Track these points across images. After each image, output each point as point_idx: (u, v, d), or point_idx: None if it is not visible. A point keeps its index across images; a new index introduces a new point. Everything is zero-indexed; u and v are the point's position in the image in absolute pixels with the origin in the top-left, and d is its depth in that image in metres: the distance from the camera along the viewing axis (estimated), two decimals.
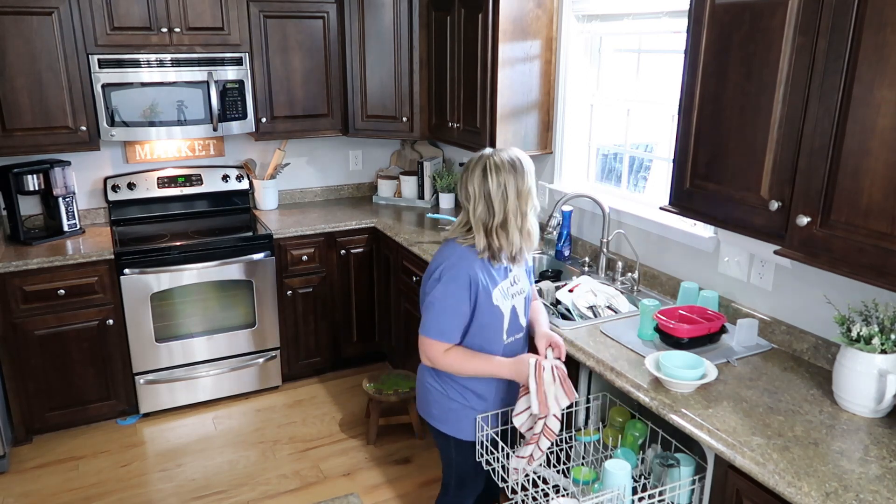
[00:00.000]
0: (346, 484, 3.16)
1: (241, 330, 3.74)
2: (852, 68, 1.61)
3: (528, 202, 1.98)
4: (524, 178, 1.96)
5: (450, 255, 2.00)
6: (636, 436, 2.11)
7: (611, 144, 3.24)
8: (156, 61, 3.46)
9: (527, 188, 1.96)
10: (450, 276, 1.96)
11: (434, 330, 1.99)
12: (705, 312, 2.31)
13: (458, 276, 1.96)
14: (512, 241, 1.98)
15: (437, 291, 1.97)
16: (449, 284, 1.96)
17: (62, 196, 3.54)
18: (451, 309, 1.97)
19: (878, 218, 1.60)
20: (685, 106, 2.12)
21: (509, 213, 1.95)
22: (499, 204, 1.94)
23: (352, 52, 3.90)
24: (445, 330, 1.98)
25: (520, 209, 1.96)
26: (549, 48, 3.23)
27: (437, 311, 1.98)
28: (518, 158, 1.97)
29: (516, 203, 1.95)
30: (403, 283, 3.69)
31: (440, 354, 2.00)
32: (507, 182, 1.93)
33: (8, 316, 3.23)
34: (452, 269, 1.97)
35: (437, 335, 1.99)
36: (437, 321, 1.98)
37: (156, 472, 3.24)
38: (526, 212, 1.98)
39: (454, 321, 1.98)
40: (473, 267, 1.98)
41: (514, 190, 1.94)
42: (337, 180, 4.50)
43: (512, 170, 1.94)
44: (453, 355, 2.00)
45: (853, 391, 1.85)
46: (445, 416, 2.14)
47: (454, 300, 1.96)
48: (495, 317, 2.04)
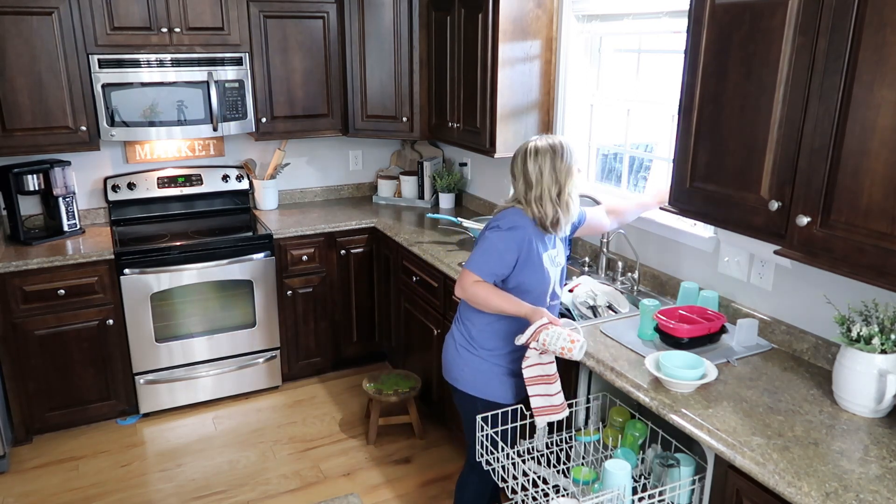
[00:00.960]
0: (346, 484, 3.17)
1: (241, 330, 3.74)
2: (852, 68, 1.61)
3: (567, 178, 2.17)
4: (563, 157, 2.16)
5: (515, 216, 2.20)
6: (636, 436, 2.11)
7: (611, 144, 3.24)
8: (156, 61, 3.46)
9: (565, 166, 2.16)
10: (510, 228, 2.17)
11: (475, 264, 2.18)
12: (705, 312, 2.31)
13: (517, 232, 2.17)
14: (546, 212, 2.17)
15: (492, 235, 2.18)
16: (506, 233, 2.16)
17: (62, 196, 3.54)
18: (498, 254, 2.16)
19: (878, 218, 1.60)
20: (685, 106, 2.12)
21: (544, 188, 2.16)
22: (535, 180, 2.16)
23: (352, 52, 3.90)
24: (485, 268, 2.17)
25: (556, 181, 2.16)
26: (549, 48, 3.23)
27: (484, 251, 2.18)
28: (559, 142, 2.19)
29: (551, 177, 2.15)
30: (403, 283, 3.69)
31: (470, 283, 2.18)
32: (542, 162, 2.16)
33: (8, 316, 3.23)
34: (515, 224, 2.17)
35: (476, 268, 2.17)
36: (481, 258, 2.18)
37: (156, 472, 3.25)
38: (563, 184, 2.16)
39: (496, 263, 2.17)
40: (532, 230, 2.20)
41: (550, 167, 2.15)
42: (337, 180, 4.50)
43: (550, 151, 2.16)
44: (482, 286, 2.17)
45: (853, 391, 1.85)
46: (474, 378, 2.28)
47: (504, 247, 2.16)
48: (545, 280, 2.24)
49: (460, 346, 2.31)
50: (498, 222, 2.20)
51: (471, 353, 2.28)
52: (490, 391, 2.27)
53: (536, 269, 2.21)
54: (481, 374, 2.27)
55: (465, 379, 2.30)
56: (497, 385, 2.27)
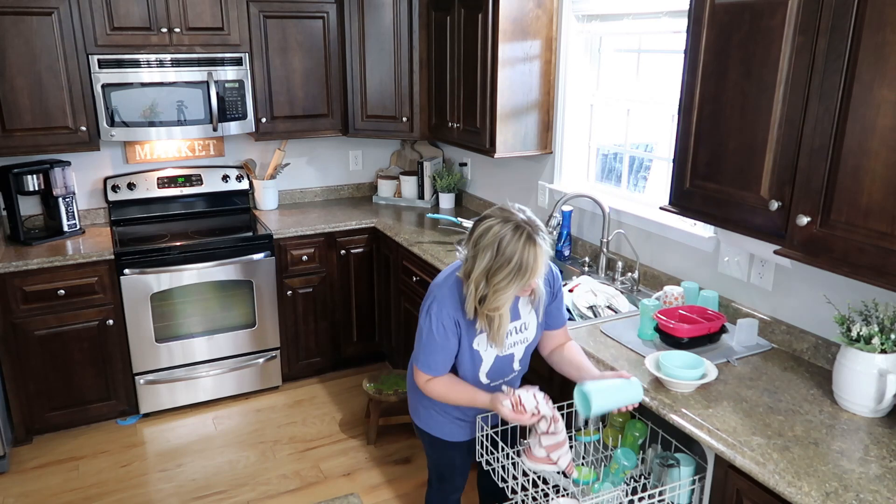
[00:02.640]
0: (346, 484, 3.16)
1: (241, 330, 3.74)
2: (852, 68, 1.61)
3: (495, 293, 1.80)
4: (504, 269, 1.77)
5: (443, 289, 1.96)
6: (636, 436, 2.11)
7: (611, 144, 3.24)
8: (156, 61, 3.46)
9: (500, 279, 1.78)
10: (437, 313, 1.93)
11: (422, 362, 2.00)
12: (705, 312, 2.31)
13: (443, 317, 1.93)
14: (467, 306, 1.88)
15: (425, 325, 1.96)
16: (436, 322, 1.93)
17: (62, 196, 3.54)
18: (439, 346, 1.96)
19: (878, 218, 1.60)
20: (685, 106, 2.12)
21: (472, 277, 1.82)
22: (470, 257, 1.84)
23: (352, 52, 3.90)
24: (432, 364, 1.99)
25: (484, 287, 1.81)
26: (549, 48, 3.23)
27: (424, 345, 1.99)
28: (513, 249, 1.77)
29: (482, 279, 1.81)
30: (403, 283, 3.69)
31: (424, 382, 2.03)
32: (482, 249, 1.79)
33: (8, 316, 3.23)
34: (440, 309, 1.93)
35: (424, 367, 2.00)
36: (424, 355, 1.99)
37: (156, 473, 3.25)
38: (489, 296, 1.81)
39: (440, 356, 1.98)
40: (460, 308, 1.92)
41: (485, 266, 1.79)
42: (337, 180, 4.50)
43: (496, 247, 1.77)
44: (436, 385, 2.01)
45: (853, 391, 1.85)
46: (420, 412, 2.22)
47: (441, 337, 1.95)
48: (473, 360, 2.02)
49: (412, 381, 2.17)
50: (429, 301, 1.96)
51: (417, 391, 2.14)
52: (438, 429, 2.18)
53: (464, 352, 1.98)
54: (425, 409, 2.18)
55: (414, 410, 2.23)
56: (441, 422, 2.16)
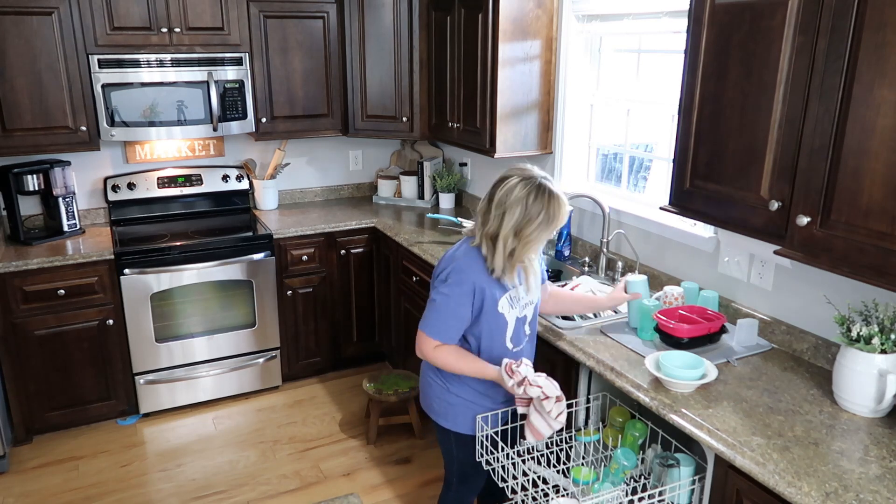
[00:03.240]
0: (346, 484, 3.16)
1: (242, 330, 3.74)
2: (852, 68, 1.61)
3: (526, 245, 1.95)
4: (533, 221, 1.92)
5: (460, 258, 2.03)
6: (636, 436, 2.11)
7: (611, 144, 3.24)
8: (156, 61, 3.46)
9: (531, 231, 1.93)
10: (456, 279, 1.99)
11: (431, 327, 2.03)
12: (705, 312, 2.31)
13: (463, 282, 1.99)
14: (495, 263, 1.97)
15: (441, 292, 2.01)
16: (454, 287, 1.99)
17: (62, 196, 3.54)
18: (451, 311, 2.01)
19: (878, 218, 1.60)
20: (685, 106, 2.12)
21: (500, 235, 1.94)
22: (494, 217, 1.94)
23: (352, 52, 3.90)
24: (442, 330, 2.03)
25: (513, 241, 1.94)
26: (549, 48, 3.23)
27: (437, 311, 2.02)
28: (542, 197, 1.92)
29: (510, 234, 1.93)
30: (403, 283, 3.69)
31: (431, 349, 2.05)
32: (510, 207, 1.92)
33: (8, 316, 3.23)
34: (459, 274, 2.00)
35: (433, 333, 2.03)
36: (436, 320, 2.03)
37: (156, 472, 3.25)
38: (518, 249, 1.95)
39: (452, 323, 2.02)
40: (481, 273, 2.00)
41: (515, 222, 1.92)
42: (337, 180, 4.50)
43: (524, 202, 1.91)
44: (444, 352, 2.04)
45: (853, 391, 1.85)
46: (445, 411, 2.18)
47: (455, 303, 2.00)
48: (499, 324, 2.07)
49: (432, 378, 2.20)
50: (447, 271, 2.02)
51: (440, 386, 2.17)
52: (460, 424, 2.17)
53: (489, 317, 2.04)
54: (451, 406, 2.16)
55: (436, 410, 2.21)
56: (468, 418, 2.16)
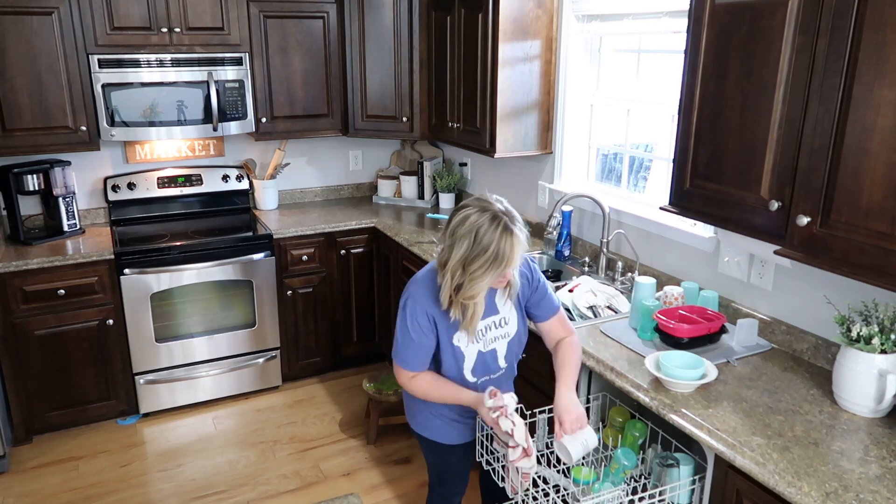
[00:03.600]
0: (346, 484, 3.16)
1: (241, 330, 3.74)
2: (852, 68, 1.61)
3: (471, 282, 1.80)
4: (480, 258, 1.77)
5: (418, 285, 1.95)
6: (636, 436, 2.11)
7: (611, 144, 3.24)
8: (156, 61, 3.46)
9: (476, 268, 1.78)
10: (411, 309, 1.94)
11: (401, 358, 1.99)
12: (705, 312, 2.31)
13: (417, 313, 1.92)
14: (442, 295, 1.87)
15: (401, 321, 1.96)
16: (411, 318, 1.93)
17: (62, 196, 3.54)
18: (413, 341, 1.95)
19: (878, 218, 1.60)
20: (685, 106, 2.12)
21: (449, 266, 1.82)
22: (447, 247, 1.83)
23: (352, 52, 3.90)
24: (409, 359, 1.98)
25: (460, 276, 1.81)
26: (549, 48, 3.23)
27: (400, 341, 1.98)
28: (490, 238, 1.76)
29: (458, 268, 1.80)
30: (403, 283, 3.67)
31: (408, 381, 2.02)
32: (459, 238, 1.79)
33: (8, 316, 3.23)
34: (414, 304, 1.93)
35: (404, 364, 1.99)
36: (403, 351, 1.98)
37: (156, 472, 3.25)
38: (464, 285, 1.81)
39: (416, 353, 1.97)
40: (433, 304, 1.91)
41: (462, 255, 1.79)
42: (337, 180, 4.50)
43: (473, 235, 1.77)
44: (418, 382, 2.01)
45: (853, 391, 1.85)
46: (417, 417, 2.20)
47: (416, 334, 1.94)
48: (455, 356, 2.00)
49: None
50: (405, 300, 1.95)
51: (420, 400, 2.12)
52: (432, 431, 2.16)
53: (445, 347, 1.97)
54: (421, 413, 2.16)
55: (410, 415, 2.22)
56: (438, 426, 2.14)
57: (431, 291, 1.93)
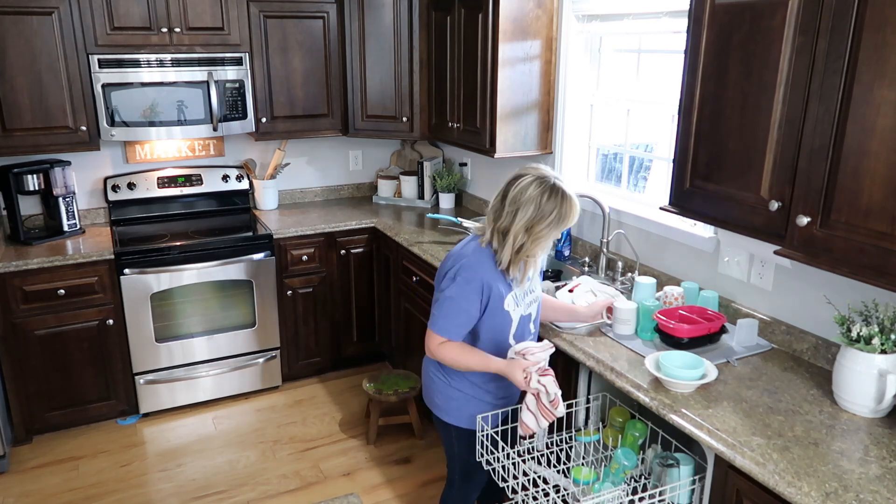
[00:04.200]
0: (346, 484, 3.16)
1: (241, 330, 3.74)
2: (852, 68, 1.61)
3: (536, 242, 1.98)
4: (546, 219, 1.95)
5: (468, 255, 2.05)
6: (636, 436, 2.11)
7: (611, 144, 3.24)
8: (156, 61, 3.46)
9: (542, 228, 1.96)
10: (464, 277, 2.01)
11: (439, 325, 2.05)
12: (705, 312, 2.31)
13: (472, 279, 2.01)
14: (502, 257, 2.01)
15: (450, 290, 2.03)
16: (462, 286, 2.01)
17: (62, 196, 3.54)
18: (460, 309, 2.02)
19: (878, 218, 1.60)
20: (685, 106, 2.12)
21: (511, 231, 1.97)
22: (507, 214, 1.98)
23: (352, 52, 3.90)
24: (450, 327, 2.05)
25: (523, 237, 1.97)
26: (549, 48, 3.23)
27: (445, 309, 2.04)
28: (556, 196, 1.95)
29: (521, 231, 1.96)
30: (403, 283, 3.69)
31: (435, 346, 2.07)
32: (524, 205, 1.95)
33: (8, 316, 3.23)
34: (468, 271, 2.02)
35: (440, 330, 2.05)
36: (444, 318, 2.04)
37: (156, 472, 3.25)
38: (527, 245, 1.98)
39: (460, 320, 2.04)
40: (489, 271, 2.03)
41: (528, 219, 1.95)
42: (337, 180, 4.50)
43: (538, 200, 1.94)
44: (448, 348, 2.06)
45: (853, 391, 1.85)
46: (447, 406, 2.20)
47: (464, 301, 2.02)
48: (504, 321, 2.09)
49: (433, 373, 2.22)
50: (455, 269, 2.04)
51: (443, 381, 2.18)
52: (464, 419, 2.18)
53: (496, 314, 2.07)
54: (454, 401, 2.18)
55: (439, 405, 2.22)
56: (471, 412, 2.16)
57: (483, 259, 2.03)
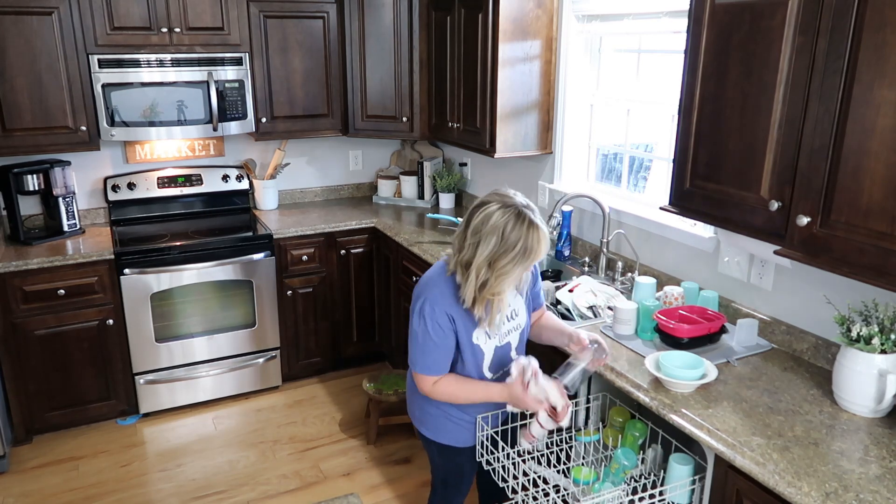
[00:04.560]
0: (346, 484, 3.16)
1: (241, 330, 3.74)
2: (852, 68, 1.61)
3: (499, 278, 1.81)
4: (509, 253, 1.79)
5: (432, 287, 1.93)
6: (636, 436, 2.11)
7: (611, 144, 3.24)
8: (156, 61, 3.46)
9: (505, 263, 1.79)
10: (430, 312, 1.90)
11: (422, 365, 1.97)
12: (705, 312, 2.31)
13: (437, 314, 1.90)
14: (465, 294, 1.86)
15: (420, 328, 1.93)
16: (430, 322, 1.90)
17: (62, 196, 3.54)
18: (434, 345, 1.93)
19: (878, 218, 1.60)
20: (685, 106, 2.12)
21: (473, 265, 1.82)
22: (469, 245, 1.83)
23: (352, 52, 3.90)
24: (431, 365, 1.96)
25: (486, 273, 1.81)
26: (549, 48, 3.23)
27: (421, 347, 1.95)
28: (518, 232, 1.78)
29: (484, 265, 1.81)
30: (403, 283, 3.69)
31: (430, 386, 1.99)
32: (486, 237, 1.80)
33: (8, 316, 3.23)
34: (433, 306, 1.90)
35: (426, 370, 1.97)
36: (423, 356, 1.96)
37: (156, 472, 3.25)
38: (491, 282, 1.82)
39: (439, 356, 1.95)
40: (453, 304, 1.91)
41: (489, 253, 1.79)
42: (337, 180, 4.50)
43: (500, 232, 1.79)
44: (443, 386, 1.98)
45: (853, 391, 1.85)
46: (426, 420, 2.17)
47: (437, 336, 1.92)
48: (474, 354, 2.00)
49: (413, 388, 2.15)
50: (421, 304, 1.91)
51: (422, 397, 2.09)
52: (443, 435, 2.14)
53: (465, 347, 1.97)
54: (432, 417, 2.13)
55: (418, 418, 2.19)
56: (450, 428, 2.12)
57: (448, 291, 1.91)
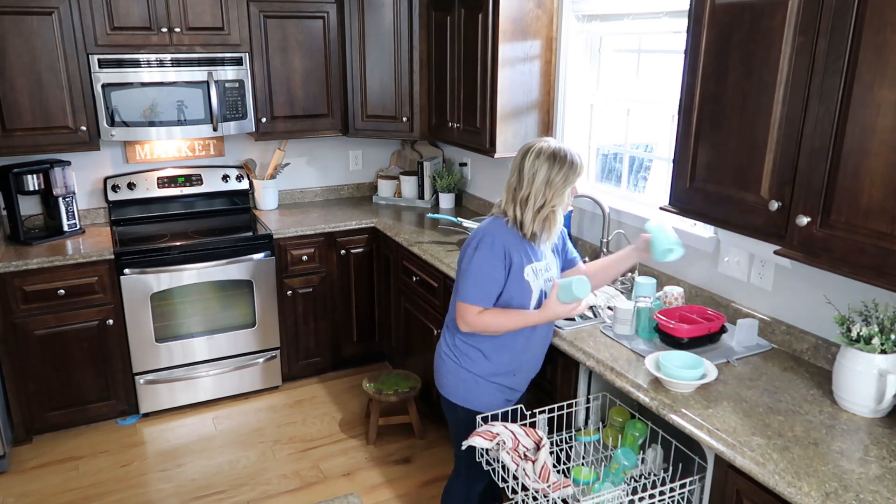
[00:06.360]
0: (346, 484, 3.17)
1: (241, 330, 3.74)
2: (852, 68, 1.61)
3: (555, 195, 2.10)
4: (561, 171, 2.08)
5: (489, 227, 2.17)
6: (636, 436, 2.11)
7: (611, 144, 3.24)
8: (156, 61, 3.46)
9: (559, 181, 2.09)
10: (486, 244, 2.12)
11: (470, 295, 2.13)
12: (705, 312, 2.31)
13: (494, 245, 2.12)
14: (525, 219, 2.12)
15: (474, 259, 2.13)
16: (485, 253, 2.11)
17: (62, 196, 3.54)
18: (486, 275, 2.12)
19: (878, 218, 1.60)
20: (685, 106, 2.12)
21: (532, 192, 2.10)
22: (527, 181, 2.10)
23: (352, 52, 3.90)
24: (481, 295, 2.13)
25: (544, 195, 2.10)
26: (549, 48, 3.23)
27: (473, 278, 2.13)
28: (565, 155, 2.10)
29: (542, 186, 2.09)
30: (403, 283, 3.69)
31: (475, 317, 2.14)
32: (539, 167, 2.09)
33: (8, 316, 3.23)
34: (490, 237, 2.13)
35: (473, 300, 2.13)
36: (473, 287, 2.13)
37: (156, 472, 3.25)
38: (548, 199, 2.10)
39: (489, 287, 2.13)
40: (509, 240, 2.14)
41: (545, 176, 2.08)
42: (337, 180, 4.50)
43: (551, 159, 2.08)
44: (487, 316, 2.14)
45: (853, 391, 1.85)
46: (456, 386, 2.26)
47: (489, 267, 2.11)
48: (524, 291, 2.17)
49: (445, 354, 2.29)
50: (476, 240, 2.16)
51: (454, 363, 2.25)
52: (472, 400, 2.24)
53: (517, 283, 2.16)
54: (463, 382, 2.24)
55: (448, 386, 2.28)
56: (479, 394, 2.24)
57: (504, 229, 2.15)
